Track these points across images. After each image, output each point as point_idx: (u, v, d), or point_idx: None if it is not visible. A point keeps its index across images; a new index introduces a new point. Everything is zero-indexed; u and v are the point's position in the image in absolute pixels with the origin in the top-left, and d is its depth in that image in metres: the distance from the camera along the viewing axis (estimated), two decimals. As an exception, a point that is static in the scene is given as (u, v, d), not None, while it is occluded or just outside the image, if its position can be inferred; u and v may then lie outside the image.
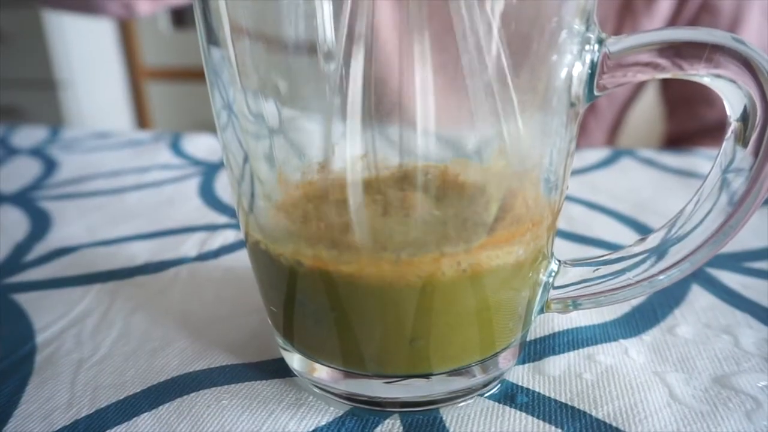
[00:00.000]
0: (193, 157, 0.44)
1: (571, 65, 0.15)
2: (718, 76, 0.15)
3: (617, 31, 0.53)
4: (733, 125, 0.15)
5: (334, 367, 0.17)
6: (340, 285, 0.15)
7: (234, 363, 0.19)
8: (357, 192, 0.16)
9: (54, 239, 0.30)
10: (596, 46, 0.15)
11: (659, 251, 0.17)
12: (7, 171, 0.43)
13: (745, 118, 0.15)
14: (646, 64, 0.15)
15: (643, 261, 0.17)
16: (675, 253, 0.17)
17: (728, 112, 0.15)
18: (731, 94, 0.15)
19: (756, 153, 0.15)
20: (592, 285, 0.18)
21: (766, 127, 0.14)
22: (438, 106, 0.14)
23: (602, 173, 0.39)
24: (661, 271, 0.17)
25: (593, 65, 0.15)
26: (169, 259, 0.27)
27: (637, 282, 0.17)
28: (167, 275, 0.26)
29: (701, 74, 0.15)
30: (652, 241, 0.17)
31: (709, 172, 0.16)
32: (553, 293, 0.18)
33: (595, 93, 0.16)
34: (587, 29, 0.15)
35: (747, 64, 0.14)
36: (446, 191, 0.16)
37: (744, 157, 0.15)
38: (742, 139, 0.15)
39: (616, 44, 0.15)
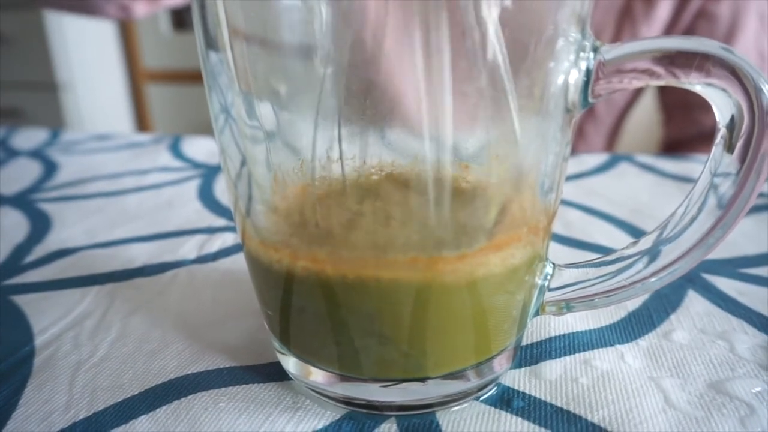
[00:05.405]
0: (193, 160, 0.45)
1: (567, 72, 0.15)
2: (709, 84, 0.15)
3: (616, 37, 0.54)
4: (722, 131, 0.15)
5: (330, 370, 0.17)
6: (337, 289, 0.15)
7: (231, 365, 0.20)
8: (355, 195, 0.16)
9: (53, 241, 0.30)
10: (591, 54, 0.15)
11: (651, 253, 0.17)
12: (8, 173, 0.43)
13: (732, 124, 0.15)
14: (641, 72, 0.15)
15: (635, 263, 0.18)
16: (667, 255, 0.17)
17: (717, 118, 0.15)
18: (721, 102, 0.15)
19: (742, 159, 0.15)
20: (586, 287, 0.18)
21: (752, 133, 0.15)
22: (436, 110, 0.14)
23: (600, 178, 0.39)
24: (653, 273, 0.17)
25: (588, 72, 0.15)
26: (168, 262, 0.27)
27: (631, 284, 0.18)
28: (166, 277, 0.26)
29: (693, 82, 0.15)
30: (645, 243, 0.18)
31: (700, 176, 0.16)
32: (548, 295, 0.19)
33: (590, 100, 0.16)
34: (583, 37, 0.15)
35: (735, 72, 0.14)
36: (445, 195, 0.16)
37: (731, 162, 0.15)
38: (728, 145, 0.15)
39: (610, 52, 0.15)
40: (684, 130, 0.57)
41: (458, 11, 0.13)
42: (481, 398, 0.18)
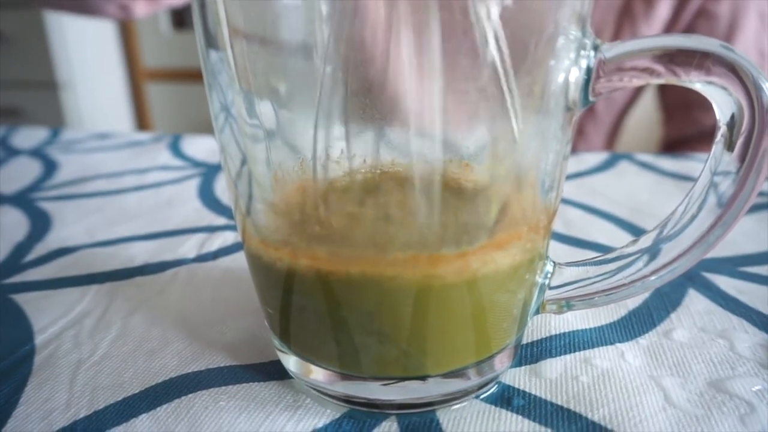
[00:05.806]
0: (193, 159, 0.45)
1: (568, 70, 0.15)
2: (710, 82, 0.15)
3: (616, 36, 0.53)
4: (723, 129, 0.15)
5: (330, 369, 0.17)
6: (337, 287, 0.15)
7: (232, 364, 0.20)
8: (355, 194, 0.16)
9: (53, 240, 0.30)
10: (592, 52, 0.15)
11: (651, 252, 0.17)
12: (8, 172, 0.43)
13: (732, 122, 0.15)
14: (641, 70, 0.15)
15: (635, 261, 0.18)
16: (667, 254, 0.17)
17: (718, 116, 0.15)
18: (721, 100, 0.15)
19: (742, 157, 0.15)
20: (586, 285, 0.18)
21: (752, 131, 0.15)
22: (436, 108, 0.14)
23: (600, 177, 0.39)
24: (653, 272, 0.17)
25: (589, 71, 0.15)
26: (168, 261, 0.27)
27: (631, 283, 0.18)
28: (166, 276, 0.26)
29: (693, 81, 0.15)
30: (645, 241, 0.18)
31: (700, 174, 0.16)
32: (548, 294, 0.19)
33: (591, 98, 0.16)
34: (583, 35, 0.15)
35: (735, 70, 0.14)
36: (446, 194, 0.16)
37: (731, 160, 0.15)
38: (729, 143, 0.15)
39: (610, 50, 0.15)
40: (684, 129, 0.57)
41: (458, 10, 0.13)
42: (482, 397, 0.18)
